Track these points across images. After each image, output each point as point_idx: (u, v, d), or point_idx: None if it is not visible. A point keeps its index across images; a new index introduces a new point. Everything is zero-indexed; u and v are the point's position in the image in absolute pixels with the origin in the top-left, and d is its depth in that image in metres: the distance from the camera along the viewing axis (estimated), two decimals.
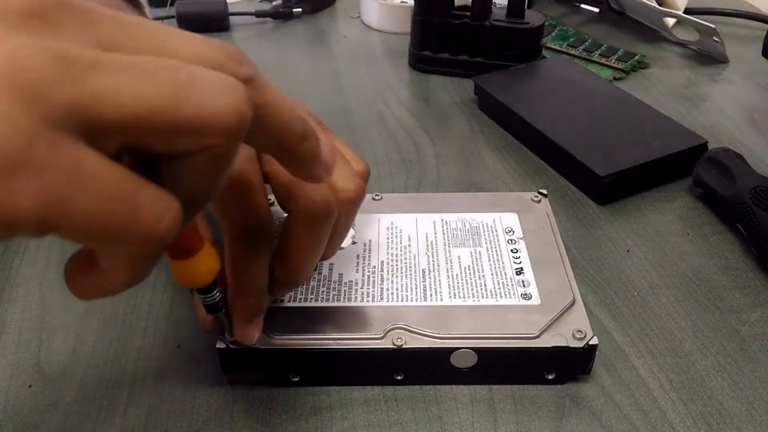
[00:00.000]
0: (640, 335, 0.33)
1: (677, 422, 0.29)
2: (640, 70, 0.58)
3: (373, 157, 0.46)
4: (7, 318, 0.34)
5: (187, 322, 0.34)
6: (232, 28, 0.66)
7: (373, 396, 0.30)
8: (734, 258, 0.38)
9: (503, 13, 0.54)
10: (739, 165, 0.40)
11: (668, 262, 0.38)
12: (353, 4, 0.70)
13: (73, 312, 0.34)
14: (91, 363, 0.32)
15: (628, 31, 0.64)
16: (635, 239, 0.39)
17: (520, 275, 0.32)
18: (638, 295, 0.35)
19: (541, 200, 0.37)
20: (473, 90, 0.52)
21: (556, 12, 0.68)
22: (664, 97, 0.54)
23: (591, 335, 0.29)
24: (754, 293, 0.36)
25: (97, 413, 0.30)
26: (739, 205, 0.38)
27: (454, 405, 0.30)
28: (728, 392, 0.30)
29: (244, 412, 0.30)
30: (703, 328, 0.34)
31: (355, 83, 0.56)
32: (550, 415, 0.29)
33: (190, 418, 0.29)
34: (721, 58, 0.59)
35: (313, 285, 0.32)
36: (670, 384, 0.31)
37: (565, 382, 0.31)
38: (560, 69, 0.53)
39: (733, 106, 0.53)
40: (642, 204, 0.42)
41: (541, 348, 0.29)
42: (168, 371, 0.31)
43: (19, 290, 0.36)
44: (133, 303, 0.35)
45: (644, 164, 0.42)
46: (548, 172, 0.45)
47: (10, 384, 0.31)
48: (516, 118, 0.47)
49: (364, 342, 0.29)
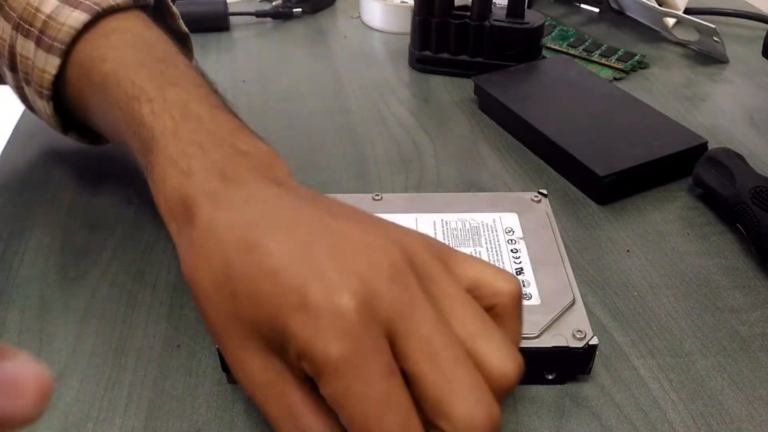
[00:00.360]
0: (640, 335, 0.33)
1: (677, 422, 0.29)
2: (640, 70, 0.58)
3: (373, 157, 0.46)
4: (7, 318, 0.34)
5: (187, 322, 0.34)
6: (232, 28, 0.66)
7: None
8: (734, 258, 0.38)
9: (503, 13, 0.54)
10: (739, 165, 0.40)
11: (668, 262, 0.38)
12: (353, 4, 0.70)
13: (73, 312, 0.34)
14: (91, 363, 0.32)
15: (628, 31, 0.64)
16: (635, 239, 0.39)
17: (520, 275, 0.32)
18: (638, 295, 0.35)
19: (541, 200, 0.37)
20: (473, 90, 0.52)
21: (556, 12, 0.68)
22: (664, 97, 0.54)
23: (591, 335, 0.29)
24: (754, 293, 0.36)
25: (97, 413, 0.30)
26: (739, 205, 0.38)
27: None
28: (728, 392, 0.30)
29: (244, 412, 0.30)
30: (703, 328, 0.34)
31: (355, 83, 0.56)
32: (550, 415, 0.29)
33: (190, 418, 0.29)
34: (721, 58, 0.59)
35: None
36: (670, 384, 0.31)
37: (565, 382, 0.31)
38: (560, 69, 0.53)
39: (733, 106, 0.53)
40: (642, 204, 0.42)
41: (541, 348, 0.29)
42: (168, 371, 0.31)
43: (19, 290, 0.36)
44: (133, 303, 0.35)
45: (644, 164, 0.42)
46: (548, 172, 0.45)
47: None
48: (516, 118, 0.47)
49: None
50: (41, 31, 0.34)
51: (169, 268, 0.37)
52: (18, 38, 0.36)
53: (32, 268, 0.37)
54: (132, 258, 0.38)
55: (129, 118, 0.30)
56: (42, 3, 0.35)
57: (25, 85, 0.37)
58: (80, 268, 0.37)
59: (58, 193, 0.43)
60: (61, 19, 0.34)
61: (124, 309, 0.35)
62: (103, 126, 0.36)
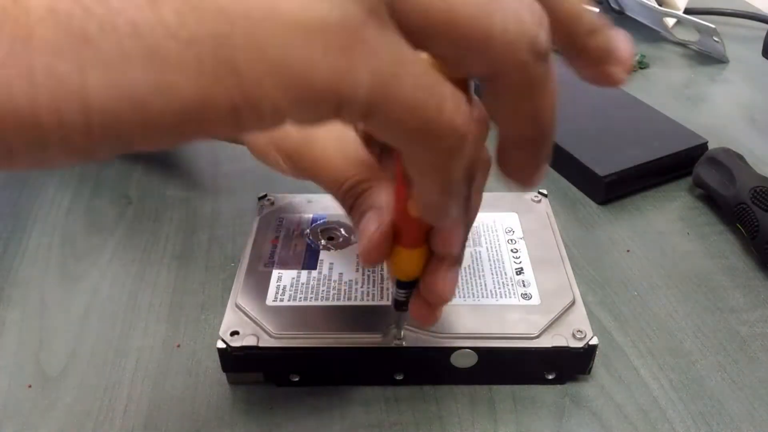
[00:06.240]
0: (640, 335, 0.33)
1: (677, 422, 0.29)
2: (640, 70, 0.58)
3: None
4: (7, 318, 0.34)
5: (187, 322, 0.34)
6: None
7: (373, 396, 0.30)
8: (734, 258, 0.38)
9: None
10: (739, 165, 0.40)
11: (668, 262, 0.38)
12: None
13: (73, 312, 0.34)
14: (91, 363, 0.32)
15: (628, 31, 0.64)
16: (635, 239, 0.39)
17: (520, 275, 0.32)
18: (638, 295, 0.35)
19: (541, 200, 0.37)
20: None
21: None
22: (664, 97, 0.54)
23: (591, 335, 0.29)
24: (754, 293, 0.36)
25: (97, 413, 0.30)
26: (739, 205, 0.38)
27: (454, 405, 0.30)
28: (728, 392, 0.30)
29: (244, 412, 0.30)
30: (703, 328, 0.34)
31: None
32: (550, 415, 0.29)
33: (190, 418, 0.29)
34: (721, 58, 0.59)
35: (313, 284, 0.32)
36: (670, 384, 0.31)
37: (565, 382, 0.31)
38: (560, 69, 0.53)
39: (733, 106, 0.53)
40: (642, 204, 0.42)
41: (541, 348, 0.29)
42: (168, 371, 0.31)
43: (19, 290, 0.36)
44: (133, 303, 0.35)
45: (644, 164, 0.42)
46: (548, 172, 0.45)
47: (10, 384, 0.31)
48: None
49: (364, 342, 0.29)
50: None
51: (169, 268, 0.37)
52: None
53: (32, 268, 0.37)
54: (132, 258, 0.38)
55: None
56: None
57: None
58: (80, 268, 0.37)
59: (58, 193, 0.43)
60: None
61: (124, 309, 0.35)
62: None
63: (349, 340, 0.29)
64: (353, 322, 0.30)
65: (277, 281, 0.32)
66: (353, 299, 0.31)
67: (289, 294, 0.31)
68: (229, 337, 0.29)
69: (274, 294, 0.31)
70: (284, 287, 0.31)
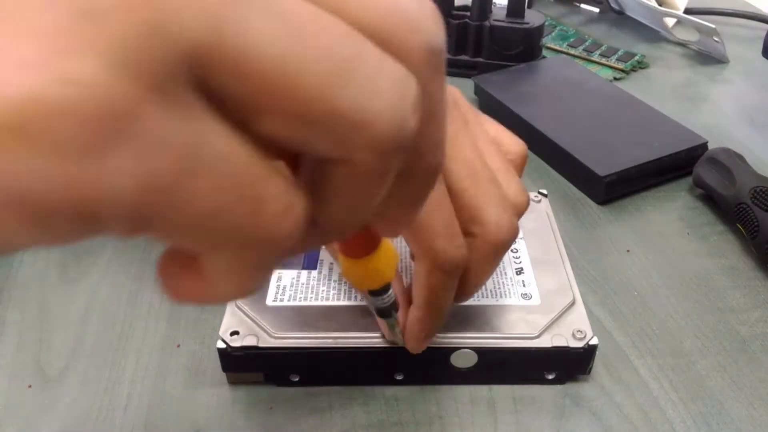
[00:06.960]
0: (640, 335, 0.33)
1: (677, 422, 0.29)
2: (640, 70, 0.58)
3: None
4: (7, 318, 0.34)
5: (187, 322, 0.34)
6: None
7: (373, 396, 0.30)
8: (734, 258, 0.38)
9: (503, 13, 0.54)
10: (739, 165, 0.40)
11: (668, 262, 0.38)
12: None
13: (73, 312, 0.34)
14: (91, 363, 0.32)
15: (628, 31, 0.64)
16: (635, 239, 0.39)
17: (520, 275, 0.32)
18: (638, 295, 0.35)
19: (541, 200, 0.37)
20: (473, 90, 0.52)
21: (556, 12, 0.68)
22: (664, 97, 0.54)
23: (591, 335, 0.29)
24: (754, 293, 0.36)
25: (97, 413, 0.30)
26: (739, 205, 0.38)
27: (454, 405, 0.30)
28: (728, 392, 0.30)
29: (244, 412, 0.30)
30: (703, 328, 0.34)
31: None
32: (550, 415, 0.29)
33: (190, 418, 0.29)
34: (721, 58, 0.59)
35: (313, 284, 0.32)
36: (670, 384, 0.31)
37: (565, 382, 0.31)
38: (560, 69, 0.53)
39: (733, 106, 0.53)
40: (642, 204, 0.42)
41: (541, 348, 0.29)
42: (168, 371, 0.31)
43: (19, 290, 0.36)
44: (133, 303, 0.35)
45: (644, 164, 0.42)
46: (548, 172, 0.45)
47: (10, 384, 0.31)
48: (516, 118, 0.47)
49: (365, 341, 0.29)
50: None
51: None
52: None
53: (32, 268, 0.37)
54: (132, 258, 0.38)
55: None
56: None
57: None
58: (80, 268, 0.37)
59: None
60: None
61: (124, 309, 0.35)
62: None
63: (349, 340, 0.29)
64: (353, 322, 0.30)
65: (277, 281, 0.32)
66: (353, 299, 0.31)
67: (289, 294, 0.31)
68: (229, 337, 0.29)
69: (274, 294, 0.31)
70: (284, 287, 0.31)
